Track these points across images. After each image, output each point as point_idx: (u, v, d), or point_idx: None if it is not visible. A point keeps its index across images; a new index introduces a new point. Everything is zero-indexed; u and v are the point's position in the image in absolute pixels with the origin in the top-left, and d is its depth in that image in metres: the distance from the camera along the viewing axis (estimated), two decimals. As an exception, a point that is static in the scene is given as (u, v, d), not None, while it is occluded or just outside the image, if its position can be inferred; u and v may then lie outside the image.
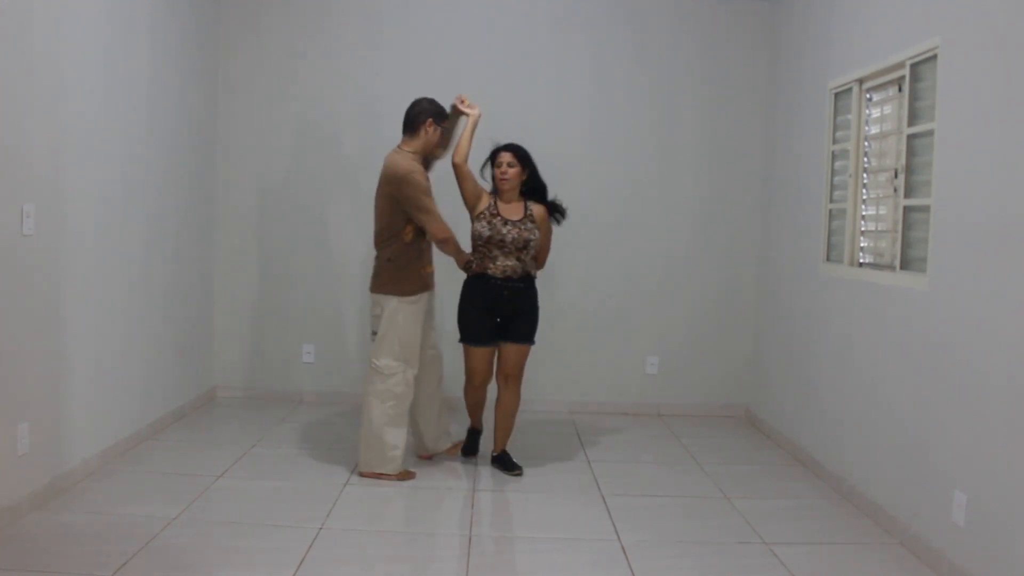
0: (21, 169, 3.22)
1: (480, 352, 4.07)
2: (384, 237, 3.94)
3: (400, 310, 3.88)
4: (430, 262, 4.06)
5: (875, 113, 3.98)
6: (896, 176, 3.68)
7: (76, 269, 3.66)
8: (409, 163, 3.88)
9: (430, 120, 3.95)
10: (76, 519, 3.28)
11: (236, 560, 3.01)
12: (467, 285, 4.11)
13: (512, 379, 4.11)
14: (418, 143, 3.97)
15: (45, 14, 3.35)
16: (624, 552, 3.22)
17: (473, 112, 4.04)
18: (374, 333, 3.97)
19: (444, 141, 4.13)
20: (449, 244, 3.94)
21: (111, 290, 4.02)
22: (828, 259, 4.36)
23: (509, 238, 3.97)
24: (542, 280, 5.56)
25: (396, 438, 3.88)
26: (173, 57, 4.66)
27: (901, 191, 3.62)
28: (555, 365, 5.46)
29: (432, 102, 4.00)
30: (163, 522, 3.28)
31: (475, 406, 4.26)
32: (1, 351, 3.11)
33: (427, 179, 3.92)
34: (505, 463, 4.11)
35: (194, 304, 5.10)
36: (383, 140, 5.31)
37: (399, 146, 4.00)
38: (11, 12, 3.12)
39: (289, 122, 5.39)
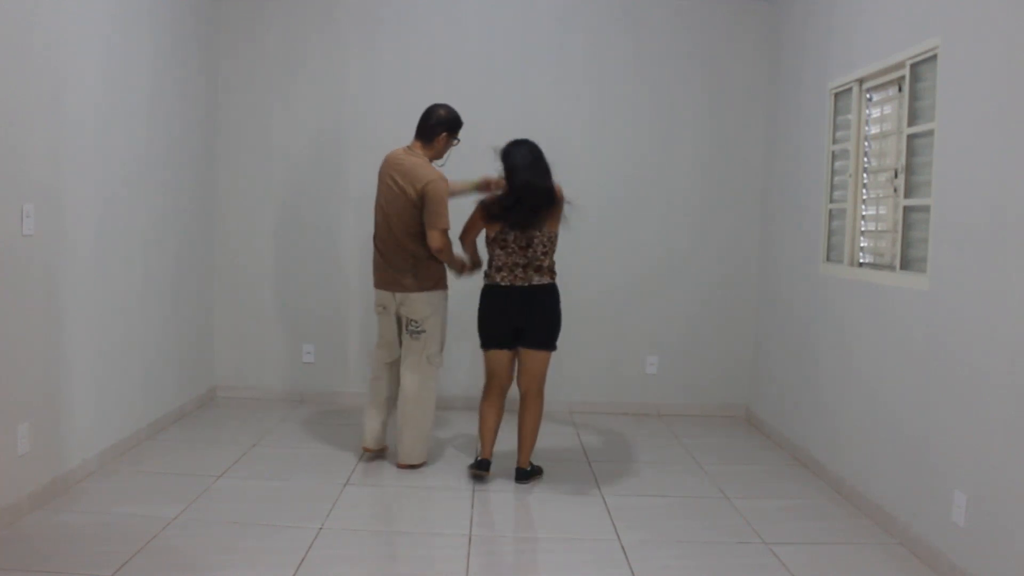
0: (21, 169, 3.22)
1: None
2: (419, 236, 3.97)
3: (443, 303, 4.11)
4: None
5: (875, 113, 3.98)
6: (896, 176, 3.67)
7: (76, 269, 3.66)
8: (430, 169, 3.95)
9: (445, 133, 4.04)
10: (76, 519, 3.29)
11: (236, 560, 3.01)
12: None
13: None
14: (431, 152, 4.06)
15: (45, 14, 3.35)
16: (624, 552, 3.22)
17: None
18: (420, 331, 4.01)
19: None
20: (443, 254, 3.99)
21: (111, 290, 4.02)
22: (828, 259, 4.36)
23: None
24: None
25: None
26: (173, 57, 4.66)
27: (901, 191, 3.62)
28: (555, 365, 5.44)
29: (448, 111, 4.06)
30: (163, 522, 3.28)
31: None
32: (1, 351, 3.11)
33: (447, 185, 3.96)
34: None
35: (194, 304, 5.10)
36: (383, 139, 5.32)
37: (411, 147, 4.04)
38: (11, 12, 3.12)
39: (289, 121, 5.39)
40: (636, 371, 5.52)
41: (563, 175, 5.33)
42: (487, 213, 3.92)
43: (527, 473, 4.01)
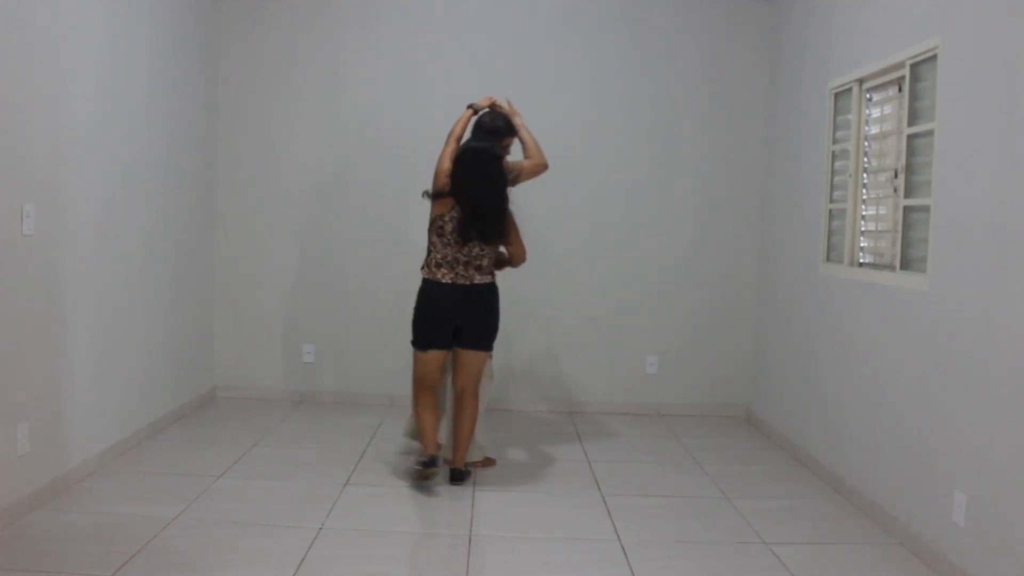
0: (21, 169, 3.22)
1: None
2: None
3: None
4: None
5: (875, 113, 3.98)
6: (896, 176, 3.68)
7: (76, 269, 3.66)
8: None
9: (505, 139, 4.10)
10: (76, 519, 3.29)
11: (236, 560, 3.01)
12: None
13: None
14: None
15: (46, 14, 3.35)
16: (624, 552, 3.22)
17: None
18: None
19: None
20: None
21: (111, 290, 4.02)
22: (828, 259, 4.36)
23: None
24: (542, 279, 5.54)
25: None
26: (173, 57, 4.66)
27: (901, 191, 3.62)
28: (555, 365, 5.47)
29: (492, 120, 4.09)
30: (163, 522, 3.28)
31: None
32: (1, 351, 3.11)
33: None
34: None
35: (194, 304, 5.10)
36: (381, 138, 5.36)
37: None
38: (11, 12, 3.12)
39: (289, 121, 5.39)
40: (636, 371, 5.52)
41: (563, 175, 5.37)
42: (436, 189, 3.82)
43: (463, 474, 3.93)
